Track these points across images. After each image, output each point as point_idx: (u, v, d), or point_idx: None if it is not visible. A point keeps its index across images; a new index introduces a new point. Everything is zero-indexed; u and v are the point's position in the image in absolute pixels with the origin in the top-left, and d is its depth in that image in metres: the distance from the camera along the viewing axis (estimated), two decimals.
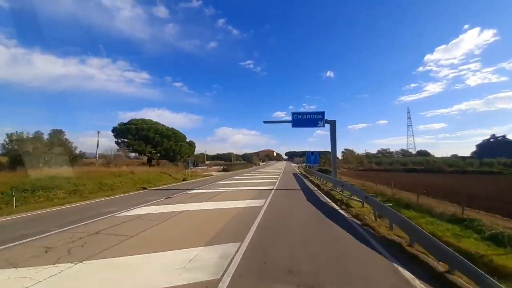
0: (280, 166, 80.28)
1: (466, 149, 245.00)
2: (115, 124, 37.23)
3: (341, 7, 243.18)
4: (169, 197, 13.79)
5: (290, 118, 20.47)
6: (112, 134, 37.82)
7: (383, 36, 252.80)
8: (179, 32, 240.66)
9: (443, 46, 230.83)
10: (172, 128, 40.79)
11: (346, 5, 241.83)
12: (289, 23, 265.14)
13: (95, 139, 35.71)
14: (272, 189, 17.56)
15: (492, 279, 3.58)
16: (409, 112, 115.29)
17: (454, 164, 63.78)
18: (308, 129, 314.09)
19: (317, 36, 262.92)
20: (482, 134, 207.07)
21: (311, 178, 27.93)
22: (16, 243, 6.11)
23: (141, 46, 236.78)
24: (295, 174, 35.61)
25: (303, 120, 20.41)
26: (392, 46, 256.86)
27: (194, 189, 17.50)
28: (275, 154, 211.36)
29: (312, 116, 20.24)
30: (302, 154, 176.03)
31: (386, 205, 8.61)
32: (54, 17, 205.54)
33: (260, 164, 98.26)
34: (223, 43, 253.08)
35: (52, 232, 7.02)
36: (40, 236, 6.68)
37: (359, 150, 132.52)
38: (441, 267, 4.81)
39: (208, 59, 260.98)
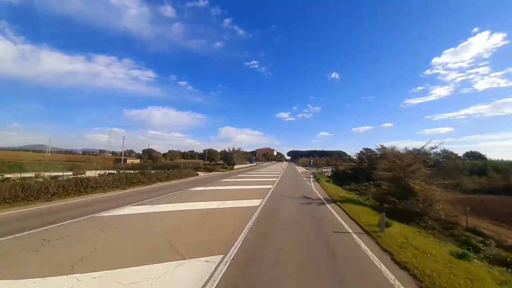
0: (273, 172, 42.81)
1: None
2: (120, 122, 20.50)
3: (348, 9, 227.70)
4: None
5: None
6: None
7: (390, 38, 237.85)
8: (185, 31, 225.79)
9: (451, 49, 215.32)
10: None
11: (353, 7, 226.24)
12: (295, 24, 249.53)
13: (101, 135, 21.09)
14: None
15: None
16: None
17: None
18: (311, 131, 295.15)
19: (323, 37, 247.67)
20: (489, 140, 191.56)
21: None
22: None
23: (147, 44, 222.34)
24: None
25: None
26: (399, 48, 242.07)
27: None
28: (275, 154, 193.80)
29: None
30: (308, 154, 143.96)
31: None
32: (62, 14, 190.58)
33: (234, 168, 50.40)
34: (228, 43, 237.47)
35: None
36: None
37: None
38: None
39: (213, 58, 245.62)
